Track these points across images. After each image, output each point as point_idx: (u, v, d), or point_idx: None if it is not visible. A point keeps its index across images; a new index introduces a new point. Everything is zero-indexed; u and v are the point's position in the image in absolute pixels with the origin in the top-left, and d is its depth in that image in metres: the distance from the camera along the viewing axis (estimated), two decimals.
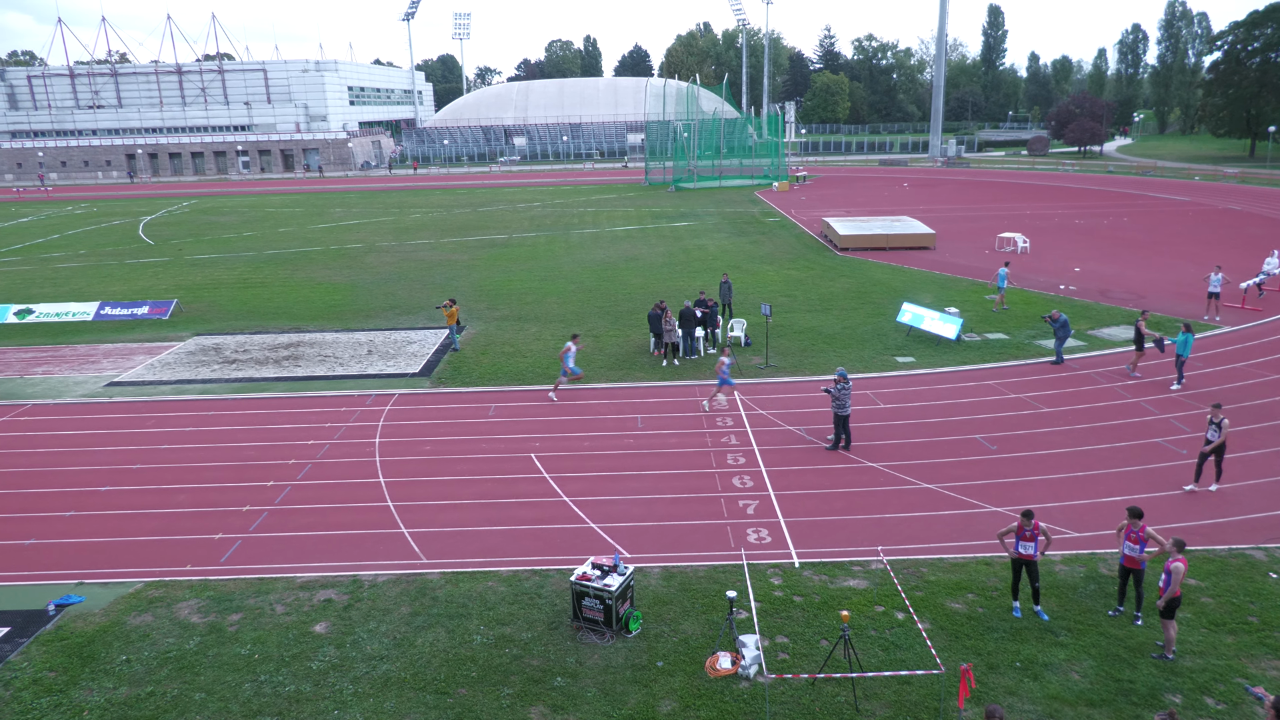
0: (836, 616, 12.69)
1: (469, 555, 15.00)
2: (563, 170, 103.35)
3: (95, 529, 16.37)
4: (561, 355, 22.73)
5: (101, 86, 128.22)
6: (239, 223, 62.23)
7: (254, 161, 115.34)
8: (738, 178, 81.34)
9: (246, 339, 29.98)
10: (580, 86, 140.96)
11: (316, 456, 19.47)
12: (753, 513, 16.26)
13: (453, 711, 11.15)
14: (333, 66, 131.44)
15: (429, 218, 61.52)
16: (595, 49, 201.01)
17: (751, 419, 20.94)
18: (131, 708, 11.38)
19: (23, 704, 11.50)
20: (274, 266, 43.97)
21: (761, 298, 32.35)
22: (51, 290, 39.31)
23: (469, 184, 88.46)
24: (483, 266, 42.15)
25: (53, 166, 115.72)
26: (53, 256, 49.56)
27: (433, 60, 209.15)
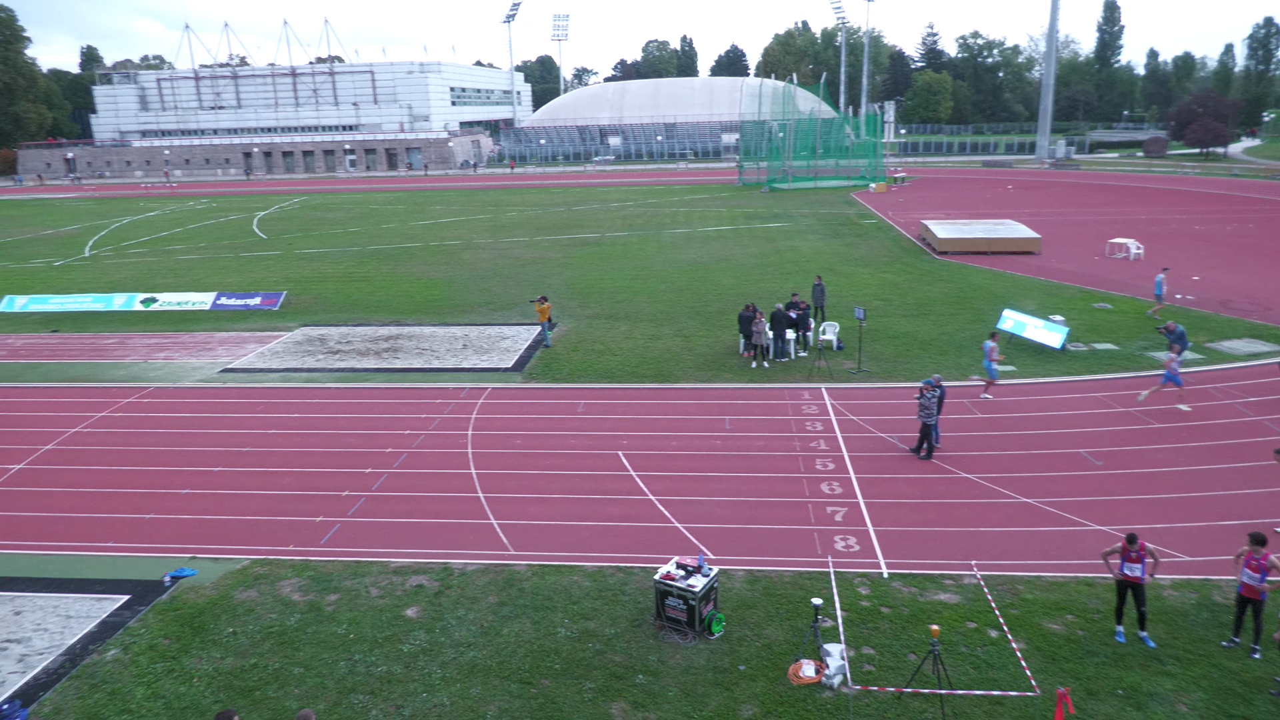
0: (926, 630, 12.36)
1: (555, 549, 15.22)
2: (656, 170, 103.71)
3: (208, 507, 17.31)
4: (990, 353, 21.73)
5: (222, 89, 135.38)
6: (345, 219, 64.73)
7: (360, 160, 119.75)
8: (833, 178, 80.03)
9: (349, 331, 31.16)
10: (675, 86, 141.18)
11: (412, 446, 20.09)
12: (841, 520, 15.99)
13: (535, 702, 11.34)
14: (436, 68, 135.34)
15: (524, 216, 62.67)
16: (691, 49, 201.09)
17: (842, 424, 20.58)
18: (236, 677, 11.99)
19: (140, 668, 12.26)
20: (376, 261, 45.56)
21: (855, 301, 31.76)
22: (173, 280, 41.73)
23: (564, 183, 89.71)
24: (575, 265, 42.68)
25: (177, 164, 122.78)
26: (175, 249, 52.61)
27: (531, 61, 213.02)
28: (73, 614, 13.66)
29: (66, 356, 28.94)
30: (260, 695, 11.60)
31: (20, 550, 15.79)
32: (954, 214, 55.08)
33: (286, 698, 11.53)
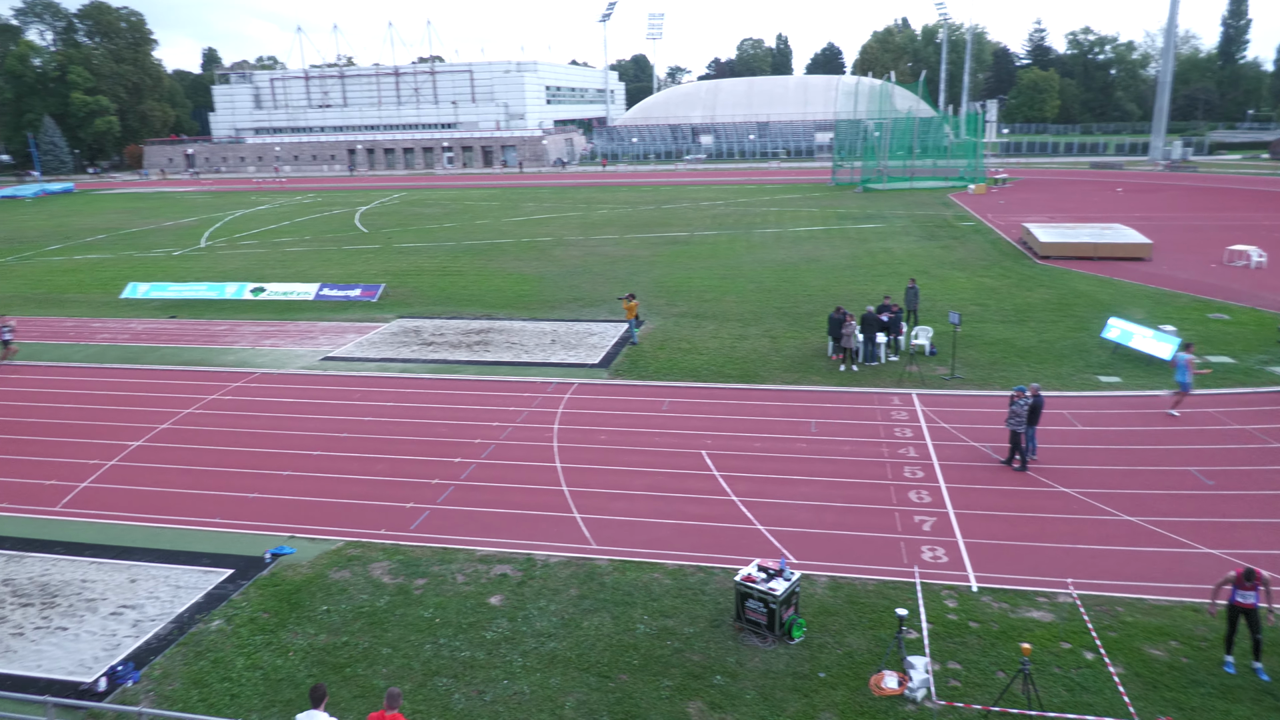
0: (1016, 648, 11.94)
1: (637, 545, 15.31)
2: (748, 169, 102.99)
3: (307, 488, 18.07)
4: (1185, 365, 20.35)
5: (330, 88, 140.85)
6: (441, 214, 66.50)
7: (457, 157, 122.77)
8: (930, 179, 77.90)
9: (443, 323, 32.02)
10: (769, 85, 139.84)
11: (500, 438, 20.51)
12: (929, 530, 15.58)
13: (613, 695, 11.44)
14: (532, 67, 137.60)
15: (615, 214, 63.15)
16: (786, 47, 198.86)
17: (933, 432, 20.04)
18: (329, 653, 12.49)
19: (241, 639, 12.90)
20: (470, 256, 46.66)
21: (950, 305, 30.88)
22: (280, 271, 43.66)
23: (655, 181, 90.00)
24: (664, 263, 42.78)
25: (286, 160, 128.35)
26: (283, 241, 55.02)
27: (625, 60, 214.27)
28: (182, 584, 14.46)
29: (182, 341, 30.63)
30: (350, 672, 12.05)
31: (137, 522, 16.81)
32: (1058, 217, 52.90)
33: (375, 676, 11.95)
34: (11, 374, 27.15)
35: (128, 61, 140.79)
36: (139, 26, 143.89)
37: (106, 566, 15.12)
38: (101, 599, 14.09)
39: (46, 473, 19.30)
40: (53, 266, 48.13)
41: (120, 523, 16.81)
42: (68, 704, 10.84)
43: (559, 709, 11.23)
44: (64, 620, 13.53)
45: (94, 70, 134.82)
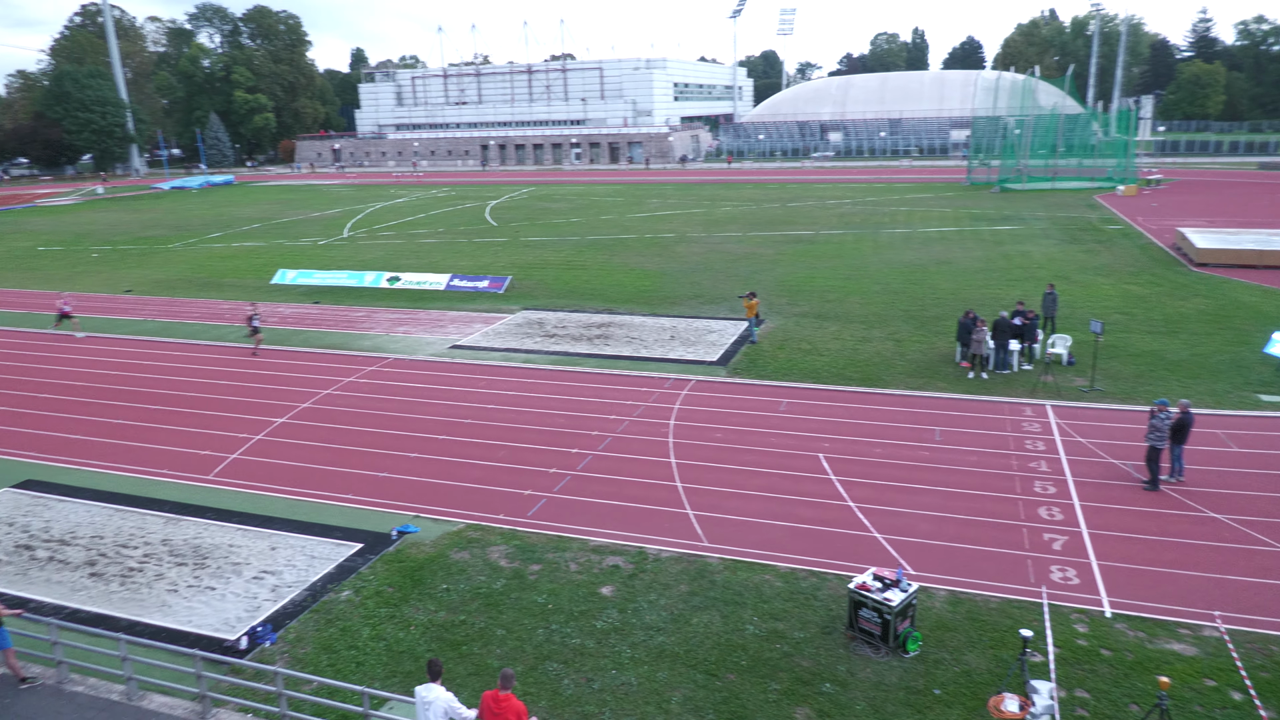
0: (1153, 681, 11.18)
1: (749, 545, 15.20)
2: (877, 167, 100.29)
3: (432, 471, 18.84)
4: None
5: (466, 85, 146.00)
6: (568, 209, 67.85)
7: (584, 153, 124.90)
8: (1075, 179, 73.66)
9: (565, 316, 32.68)
10: (903, 80, 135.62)
11: (616, 431, 20.78)
12: (1059, 549, 14.79)
13: (720, 694, 11.42)
14: (661, 64, 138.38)
15: (738, 211, 62.77)
16: (923, 41, 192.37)
17: (1067, 446, 18.99)
18: (447, 630, 12.99)
19: (367, 610, 13.60)
20: (594, 251, 47.41)
21: (1092, 313, 29.15)
22: (415, 261, 45.62)
23: (780, 179, 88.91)
24: (787, 261, 42.23)
25: (423, 155, 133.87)
26: (418, 232, 57.46)
27: (755, 56, 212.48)
28: (316, 555, 15.37)
29: (324, 326, 32.47)
30: (466, 650, 12.51)
31: (278, 494, 17.97)
32: (1217, 221, 49.02)
33: (489, 656, 12.35)
34: (174, 350, 29.49)
35: (285, 62, 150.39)
36: (296, 29, 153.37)
37: (251, 533, 16.23)
38: (246, 563, 15.14)
39: (202, 443, 20.89)
40: (213, 253, 51.97)
41: (264, 493, 18.01)
42: (213, 658, 11.71)
43: (665, 703, 11.30)
44: (212, 580, 14.62)
45: (255, 70, 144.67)
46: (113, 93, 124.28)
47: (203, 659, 11.27)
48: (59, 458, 20.29)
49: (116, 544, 15.98)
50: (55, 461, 20.07)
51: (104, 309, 36.63)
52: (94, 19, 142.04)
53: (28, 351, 30.12)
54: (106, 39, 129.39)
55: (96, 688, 11.98)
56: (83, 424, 22.54)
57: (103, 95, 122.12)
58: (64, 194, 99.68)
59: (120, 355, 29.16)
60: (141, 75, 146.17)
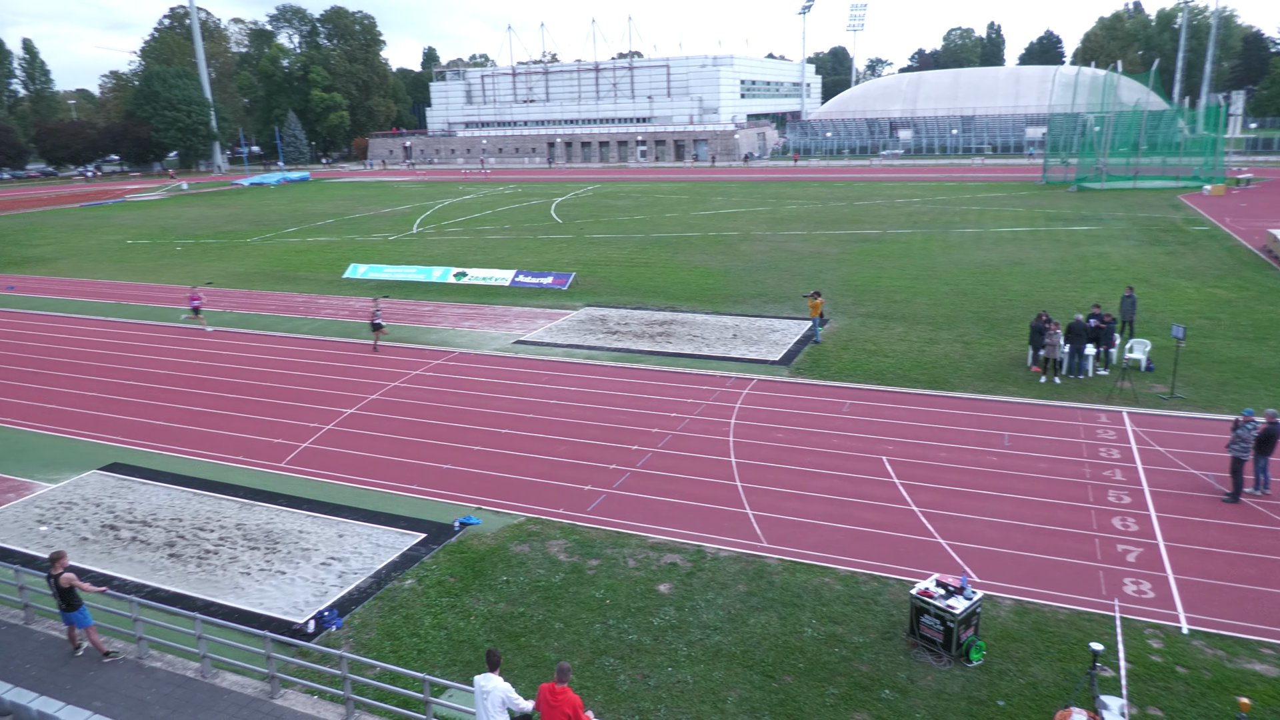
0: (1232, 702, 10.72)
1: (808, 547, 15.05)
2: (949, 165, 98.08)
3: (494, 464, 19.12)
4: None
5: (534, 83, 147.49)
6: (632, 206, 68.04)
7: (650, 151, 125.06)
8: (1158, 178, 70.87)
9: (628, 313, 32.79)
10: (977, 77, 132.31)
11: (676, 428, 20.78)
12: (1133, 561, 14.27)
13: (776, 696, 11.33)
14: (728, 61, 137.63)
15: (804, 209, 62.10)
16: (999, 36, 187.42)
17: (1145, 455, 18.31)
18: (506, 621, 13.18)
19: (429, 599, 13.88)
20: (658, 249, 47.45)
21: (1173, 318, 28.06)
22: (481, 257, 46.32)
23: (847, 177, 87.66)
24: (853, 261, 41.62)
25: (491, 152, 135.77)
26: (485, 229, 58.32)
27: (824, 53, 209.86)
28: (381, 543, 15.74)
29: (391, 319, 33.17)
30: (524, 642, 12.66)
31: (345, 482, 18.46)
32: None
33: (546, 648, 12.48)
34: (249, 341, 30.52)
35: (359, 61, 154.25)
36: (370, 29, 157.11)
37: (319, 520, 16.71)
38: (314, 549, 15.60)
39: (275, 432, 21.58)
40: (289, 247, 53.60)
41: (332, 482, 18.52)
42: (282, 640, 12.10)
43: (720, 702, 11.26)
44: (283, 565, 15.10)
45: (331, 69, 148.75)
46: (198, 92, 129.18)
47: (272, 640, 11.64)
48: (143, 442, 21.20)
49: (194, 527, 16.62)
50: (140, 446, 20.97)
51: (186, 301, 38.08)
52: (181, 21, 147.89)
53: (116, 341, 31.52)
54: (193, 40, 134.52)
55: (173, 664, 12.49)
56: (165, 411, 23.50)
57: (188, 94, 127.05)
58: (151, 189, 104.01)
59: (199, 345, 30.29)
60: (225, 75, 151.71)
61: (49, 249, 56.86)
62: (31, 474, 19.52)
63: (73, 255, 53.68)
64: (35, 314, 36.73)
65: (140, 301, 38.44)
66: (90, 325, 34.19)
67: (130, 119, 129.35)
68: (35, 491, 18.57)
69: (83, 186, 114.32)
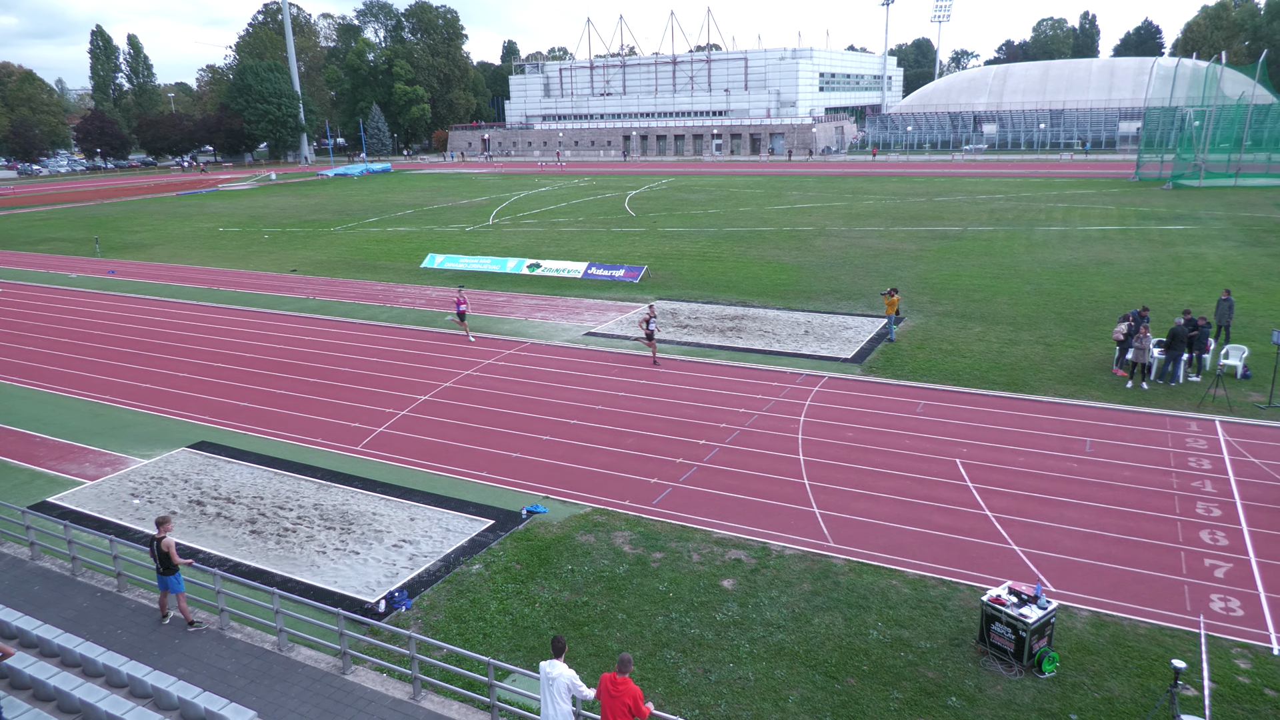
0: None
1: (876, 549, 14.80)
2: (1035, 161, 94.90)
3: (562, 454, 19.33)
4: None
5: (612, 76, 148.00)
6: (705, 200, 67.77)
7: (725, 144, 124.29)
8: (1263, 175, 67.25)
9: (699, 307, 32.71)
10: (1068, 69, 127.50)
11: (745, 424, 20.65)
12: (1222, 576, 13.62)
13: (839, 698, 11.19)
14: (807, 54, 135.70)
15: (881, 205, 60.91)
16: (1092, 26, 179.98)
17: (1238, 466, 17.44)
18: (570, 610, 13.33)
19: (496, 584, 14.13)
20: (730, 243, 47.18)
21: (1274, 323, 26.60)
22: (555, 249, 46.80)
23: (928, 172, 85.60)
24: (931, 258, 40.66)
25: (567, 145, 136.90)
26: (559, 221, 58.88)
27: (906, 45, 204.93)
28: (451, 528, 16.08)
29: None
30: (587, 630, 12.79)
31: (419, 467, 18.91)
32: None
33: (609, 638, 12.58)
34: (331, 327, 31.50)
35: (441, 55, 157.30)
36: (453, 23, 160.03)
37: (392, 503, 17.17)
38: (386, 531, 16.03)
39: (352, 416, 22.24)
40: (370, 236, 55.09)
41: (406, 466, 19.00)
42: (354, 618, 12.47)
43: (782, 700, 11.18)
44: (357, 545, 15.56)
45: (414, 63, 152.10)
46: (288, 85, 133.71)
47: (345, 618, 12.02)
48: (229, 422, 22.10)
49: (274, 505, 17.26)
50: (226, 426, 21.88)
51: (272, 287, 39.53)
52: (274, 16, 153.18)
53: (208, 324, 32.91)
54: (284, 35, 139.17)
55: (252, 636, 13.01)
56: (251, 393, 24.45)
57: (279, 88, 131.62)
58: (242, 179, 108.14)
59: (284, 330, 31.41)
60: (313, 69, 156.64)
61: (147, 235, 59.70)
62: (128, 449, 20.55)
63: (168, 242, 56.24)
64: (133, 297, 38.62)
65: (230, 287, 40.04)
66: (184, 309, 35.77)
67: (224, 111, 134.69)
68: (130, 466, 19.56)
69: (179, 176, 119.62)
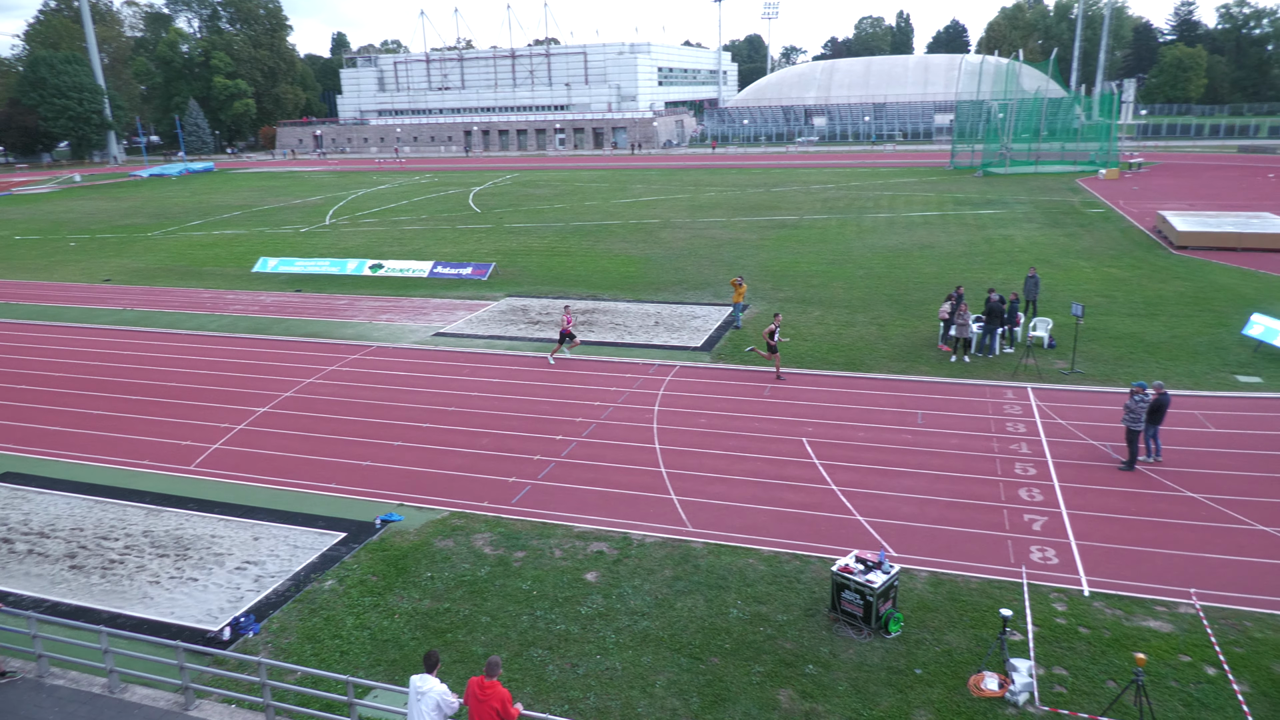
0: (1130, 658, 11.35)
1: (733, 530, 15.28)
2: (862, 152, 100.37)
3: (416, 459, 18.80)
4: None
5: (449, 70, 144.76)
6: (551, 195, 67.56)
7: (569, 138, 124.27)
8: (1058, 163, 74.05)
9: (549, 303, 32.60)
10: (888, 65, 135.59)
11: (601, 417, 20.79)
12: (1039, 529, 14.94)
13: (704, 678, 11.49)
14: (645, 49, 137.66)
15: (723, 196, 62.70)
16: (908, 25, 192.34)
17: (1048, 428, 19.16)
18: (431, 618, 13.00)
19: (351, 599, 13.58)
20: (578, 237, 47.27)
21: (1073, 296, 29.36)
22: (398, 249, 45.35)
23: (765, 164, 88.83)
24: (771, 247, 42.26)
25: (406, 141, 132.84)
26: (401, 219, 57.09)
27: (739, 41, 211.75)
28: (299, 544, 15.32)
29: (306, 314, 32.26)
30: (451, 638, 12.52)
31: (261, 484, 17.88)
32: (1198, 205, 49.41)
33: (474, 643, 12.37)
34: (154, 340, 29.22)
35: (264, 46, 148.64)
36: (276, 13, 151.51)
37: (233, 524, 16.16)
38: (228, 554, 15.08)
39: (183, 434, 20.75)
40: (194, 241, 51.48)
41: (246, 483, 17.92)
42: (196, 649, 11.67)
43: (649, 686, 11.36)
44: (195, 572, 14.55)
45: (234, 55, 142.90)
46: (89, 79, 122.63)
47: (185, 650, 11.22)
48: (39, 449, 20.11)
49: (97, 536, 15.87)
50: (35, 454, 19.89)
51: (82, 299, 36.25)
52: (69, 3, 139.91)
53: (6, 343, 29.76)
54: (83, 24, 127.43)
55: (78, 681, 11.93)
56: (61, 415, 22.34)
57: (79, 81, 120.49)
58: (41, 181, 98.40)
59: (99, 345, 28.87)
60: (119, 61, 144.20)
61: None
62: None
63: None
64: None
65: (33, 300, 36.40)
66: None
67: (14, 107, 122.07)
68: None
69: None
